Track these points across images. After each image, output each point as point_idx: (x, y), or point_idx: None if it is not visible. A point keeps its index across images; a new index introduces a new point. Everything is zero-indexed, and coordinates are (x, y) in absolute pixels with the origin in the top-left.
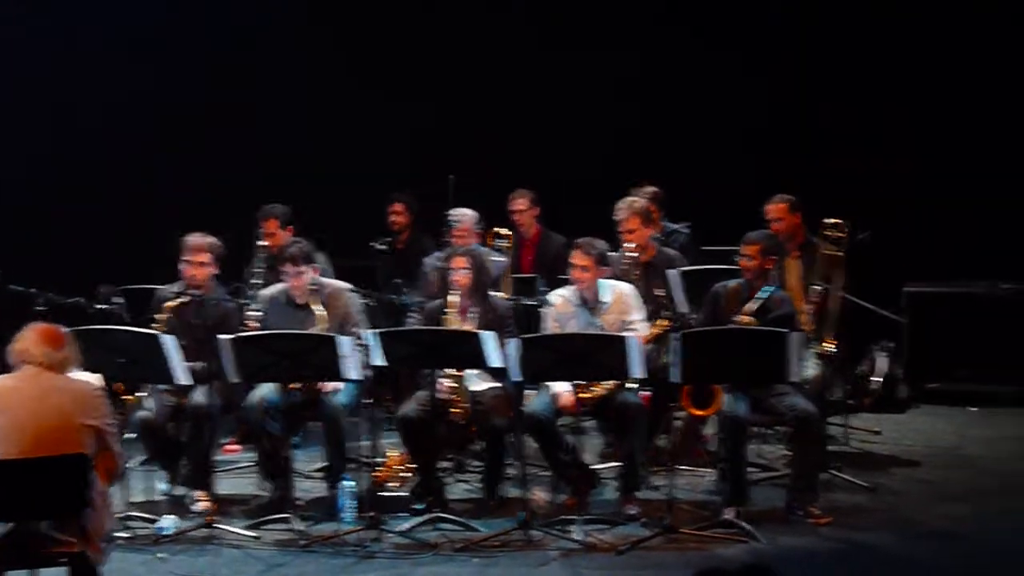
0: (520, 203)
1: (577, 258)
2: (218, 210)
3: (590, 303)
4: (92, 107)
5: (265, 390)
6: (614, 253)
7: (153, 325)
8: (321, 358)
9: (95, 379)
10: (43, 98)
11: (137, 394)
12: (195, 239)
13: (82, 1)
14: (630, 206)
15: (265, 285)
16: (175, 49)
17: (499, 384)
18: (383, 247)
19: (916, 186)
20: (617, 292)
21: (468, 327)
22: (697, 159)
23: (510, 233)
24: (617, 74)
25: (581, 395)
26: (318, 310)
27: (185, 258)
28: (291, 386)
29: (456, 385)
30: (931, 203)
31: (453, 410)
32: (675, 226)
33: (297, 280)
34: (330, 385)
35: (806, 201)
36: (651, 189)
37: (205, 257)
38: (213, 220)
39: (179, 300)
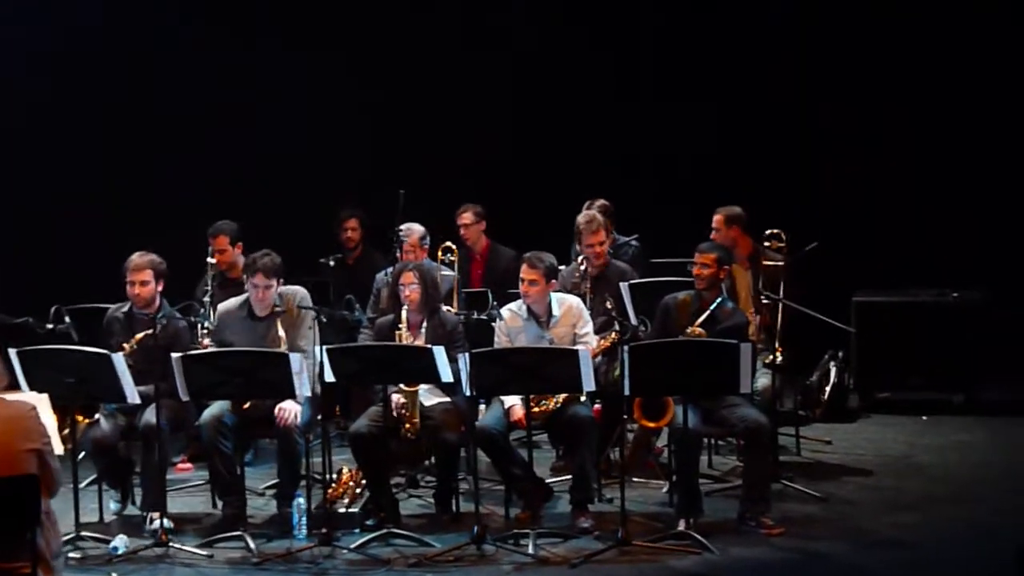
0: (467, 217)
1: (525, 272)
2: (165, 228)
3: (540, 317)
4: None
5: (217, 408)
6: (563, 267)
7: (120, 352)
8: (273, 375)
9: (34, 399)
10: None
11: (96, 415)
12: (136, 259)
13: None
14: (595, 219)
15: (215, 303)
16: (116, 63)
17: (450, 399)
18: (333, 263)
19: (864, 193)
20: (566, 305)
21: (419, 342)
22: (646, 172)
23: (457, 248)
24: (562, 86)
25: (533, 409)
26: (280, 331)
27: (128, 278)
28: (244, 405)
29: (407, 400)
30: (881, 210)
31: (405, 425)
32: (625, 238)
33: (263, 293)
34: (287, 418)
35: (755, 210)
36: (602, 202)
37: (147, 275)
38: (160, 237)
39: (144, 333)
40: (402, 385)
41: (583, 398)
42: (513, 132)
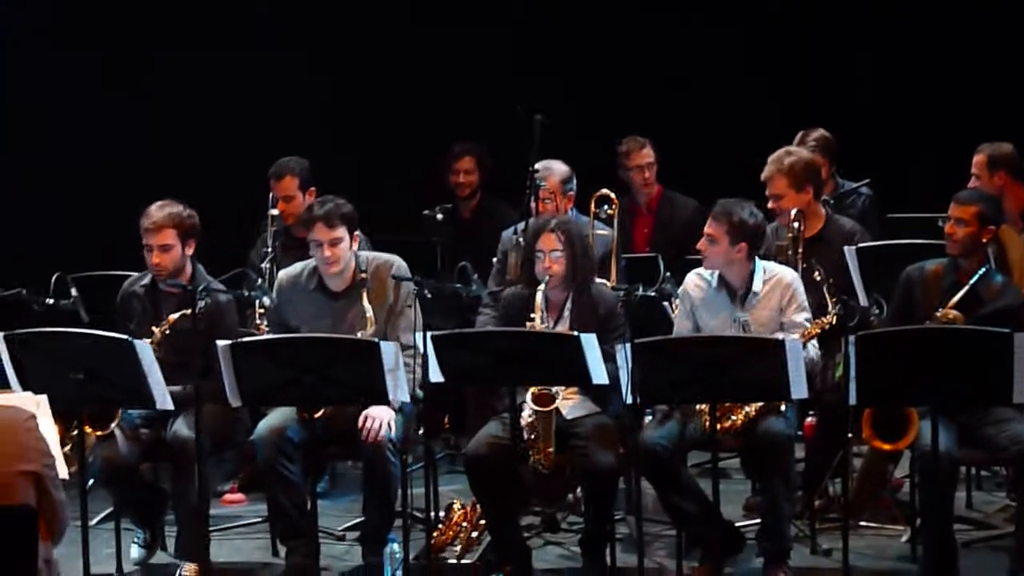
0: (644, 154)
1: (708, 224)
2: (208, 166)
3: (736, 291)
4: None
5: (279, 418)
6: (770, 223)
7: (146, 340)
8: (357, 372)
9: (29, 403)
10: None
11: (112, 426)
12: (154, 212)
13: None
14: (777, 161)
15: (277, 271)
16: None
17: (603, 410)
18: (441, 216)
19: None
20: (775, 279)
21: (562, 329)
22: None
23: (617, 196)
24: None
25: (720, 424)
26: (366, 306)
27: (145, 241)
28: (315, 413)
29: (544, 409)
30: None
31: (540, 445)
32: (851, 184)
33: (332, 251)
34: (376, 430)
35: None
36: (821, 133)
37: (168, 236)
38: (202, 181)
39: (180, 313)
40: (531, 397)
41: (785, 407)
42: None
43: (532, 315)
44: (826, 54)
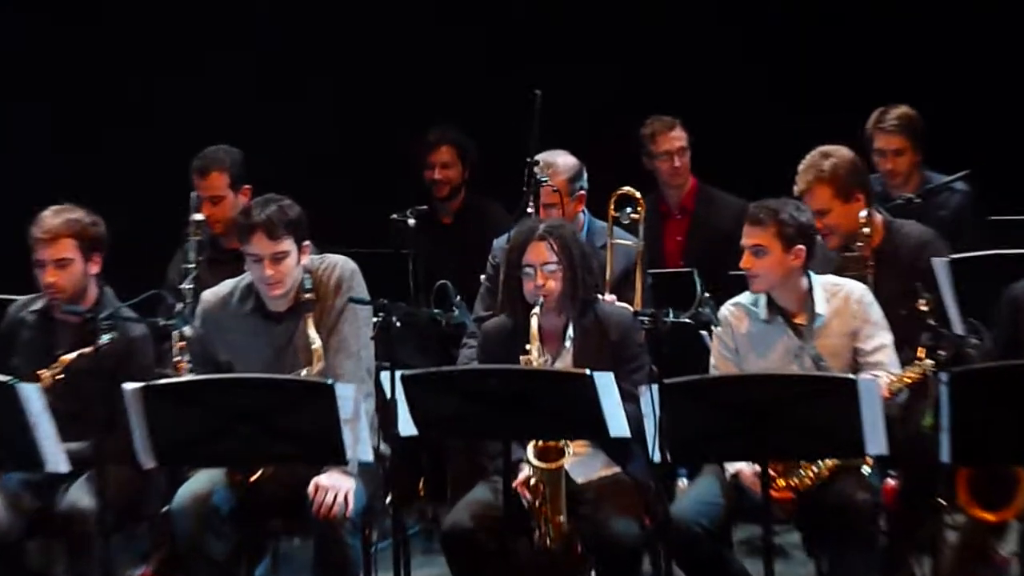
0: (674, 137)
1: (746, 232)
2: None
3: (792, 316)
4: None
5: (204, 482)
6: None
7: (35, 382)
8: (305, 423)
9: None
10: None
11: None
12: (47, 220)
13: None
14: (813, 168)
15: (201, 287)
16: None
17: (624, 468)
18: (414, 221)
19: None
20: (841, 296)
21: (563, 364)
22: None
23: (642, 197)
24: None
25: (777, 482)
26: (312, 335)
27: (37, 255)
28: (252, 476)
29: (552, 466)
30: None
31: (547, 514)
32: (946, 179)
33: (275, 269)
34: (330, 505)
35: None
36: (902, 111)
37: (68, 248)
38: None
39: (77, 353)
40: (534, 451)
41: (866, 468)
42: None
43: (528, 347)
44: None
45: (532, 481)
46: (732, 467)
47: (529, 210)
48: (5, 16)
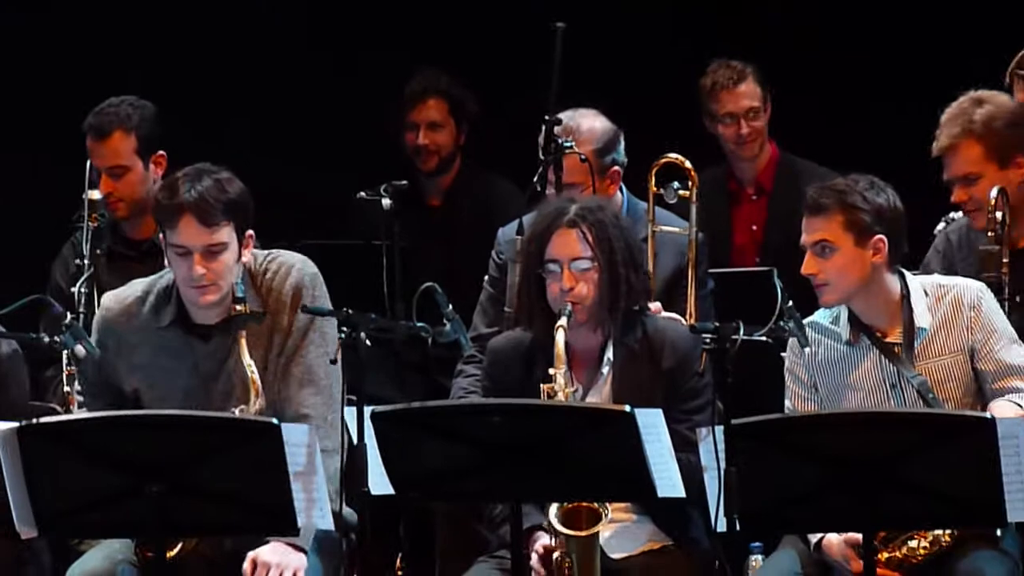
0: (742, 92)
1: (809, 226)
2: None
3: (882, 334)
4: None
5: (102, 559)
6: (956, 214)
7: None
8: (244, 478)
9: None
10: None
11: None
12: None
13: None
14: (962, 119)
15: (98, 297)
16: None
17: (675, 539)
18: (390, 200)
19: None
20: (949, 299)
21: (599, 398)
22: None
23: (694, 170)
24: None
25: (882, 555)
26: (247, 364)
27: None
28: (168, 551)
29: (579, 534)
30: None
31: None
32: None
33: (209, 267)
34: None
35: None
36: None
37: None
38: None
39: None
40: (558, 513)
41: (1001, 533)
42: None
43: (551, 372)
44: None
45: (555, 556)
46: (815, 537)
47: (548, 191)
48: None
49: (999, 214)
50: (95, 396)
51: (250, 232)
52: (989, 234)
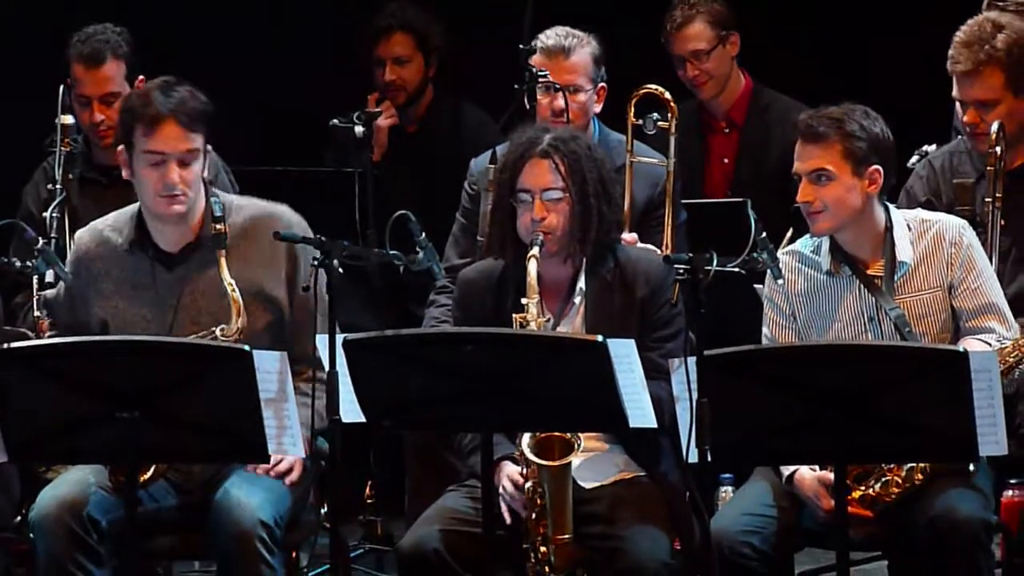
0: (690, 36)
1: (800, 151)
2: None
3: (864, 265)
4: None
5: (75, 484)
6: (927, 147)
7: None
8: (215, 405)
9: None
10: None
11: None
12: None
13: None
14: (983, 40)
15: (73, 225)
16: None
17: (649, 471)
18: (362, 128)
19: None
20: (932, 234)
21: (572, 327)
22: None
23: (672, 99)
24: None
25: (851, 497)
26: (228, 282)
27: None
28: (141, 476)
29: (551, 464)
30: None
31: (547, 529)
32: None
33: (183, 173)
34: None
35: None
36: None
37: None
38: None
39: None
40: (528, 440)
41: (973, 467)
42: None
43: (523, 302)
44: None
45: (527, 486)
46: (787, 470)
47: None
48: None
49: (998, 149)
50: (62, 327)
51: (209, 147)
52: (989, 167)
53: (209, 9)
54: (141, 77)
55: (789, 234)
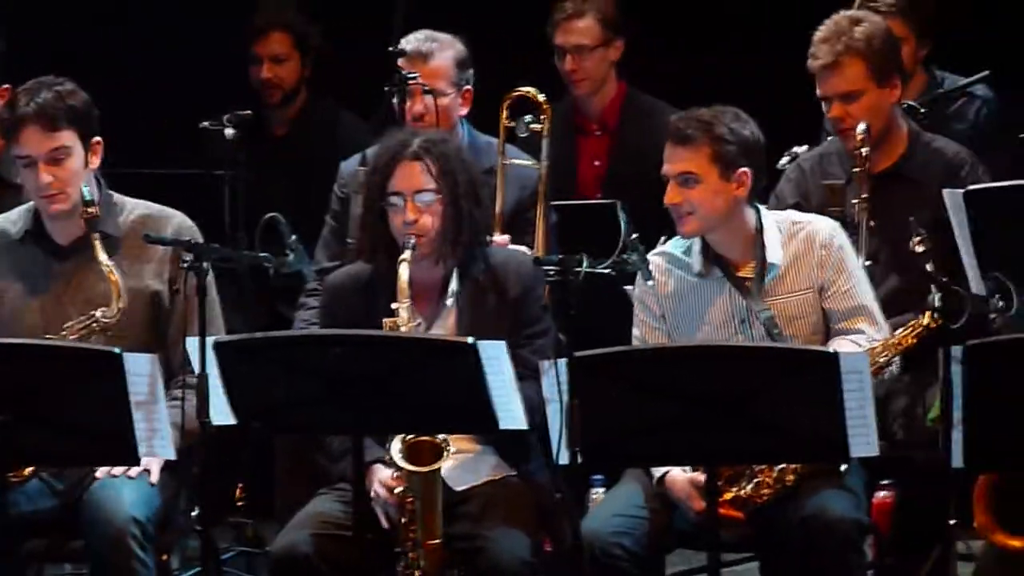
0: (580, 28)
1: (669, 152)
2: None
3: (735, 267)
4: None
5: None
6: (797, 149)
7: None
8: (86, 406)
9: None
10: None
11: None
12: None
13: None
14: (844, 33)
15: None
16: None
17: (518, 472)
18: (233, 131)
19: None
20: (802, 235)
21: (443, 330)
22: None
23: (547, 101)
24: None
25: (725, 496)
26: (105, 263)
27: None
28: (11, 477)
29: (420, 470)
30: None
31: (417, 533)
32: (962, 81)
33: (53, 172)
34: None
35: None
36: None
37: None
38: None
39: None
40: (397, 445)
41: (845, 467)
42: None
43: (394, 306)
44: None
45: (397, 490)
46: (659, 471)
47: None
48: None
49: (864, 150)
50: None
51: (98, 139)
52: (856, 162)
53: (84, 10)
54: (7, 86)
55: (663, 239)
